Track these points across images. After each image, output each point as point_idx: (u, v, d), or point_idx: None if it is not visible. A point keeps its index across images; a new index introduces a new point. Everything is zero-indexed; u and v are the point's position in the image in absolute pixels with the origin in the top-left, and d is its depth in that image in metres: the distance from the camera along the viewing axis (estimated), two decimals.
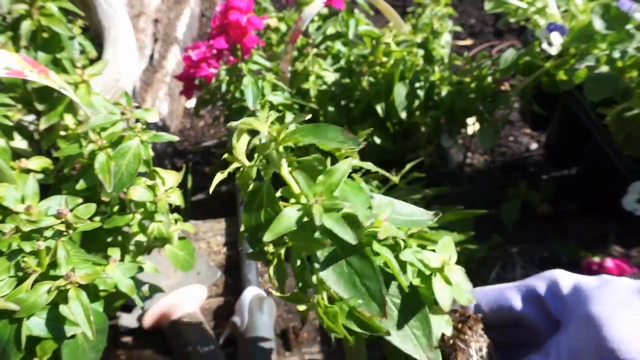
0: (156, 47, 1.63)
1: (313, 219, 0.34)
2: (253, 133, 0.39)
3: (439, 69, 1.11)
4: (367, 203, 0.36)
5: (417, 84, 1.05)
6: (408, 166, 0.89)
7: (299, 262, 0.40)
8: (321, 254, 0.36)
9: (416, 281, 0.41)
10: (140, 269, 0.74)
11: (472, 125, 1.15)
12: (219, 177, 0.40)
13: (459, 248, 0.87)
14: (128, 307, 0.94)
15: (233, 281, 1.02)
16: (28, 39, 0.77)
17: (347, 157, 0.40)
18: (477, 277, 0.94)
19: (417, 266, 0.41)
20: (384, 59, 1.04)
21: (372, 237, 0.39)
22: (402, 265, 0.40)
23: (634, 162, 0.96)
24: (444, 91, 1.09)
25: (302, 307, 0.39)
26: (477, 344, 0.41)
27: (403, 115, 1.04)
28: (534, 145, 1.48)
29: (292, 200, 0.38)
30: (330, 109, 1.07)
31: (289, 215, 0.35)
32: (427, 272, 0.40)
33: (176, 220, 0.74)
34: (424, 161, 1.10)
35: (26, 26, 0.75)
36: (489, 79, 1.06)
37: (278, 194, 0.38)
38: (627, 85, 0.94)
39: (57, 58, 0.80)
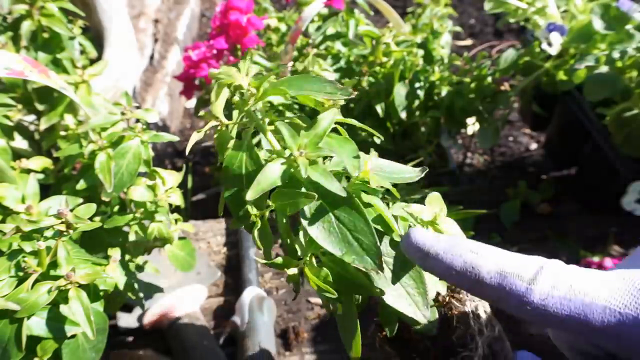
0: (156, 47, 1.63)
1: (297, 173, 0.32)
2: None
3: (439, 69, 1.11)
4: (354, 152, 0.35)
5: (417, 84, 1.05)
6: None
7: (284, 223, 0.37)
8: (309, 211, 0.34)
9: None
10: (140, 269, 0.74)
11: (472, 125, 1.15)
12: (195, 137, 0.37)
13: None
14: (128, 307, 0.94)
15: (233, 281, 1.02)
16: (28, 39, 0.77)
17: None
18: None
19: (409, 221, 0.39)
20: (384, 59, 1.04)
21: (360, 190, 0.37)
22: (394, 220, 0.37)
23: (633, 162, 0.96)
24: (444, 91, 1.09)
25: (291, 272, 0.36)
26: (473, 302, 0.39)
27: (403, 115, 1.04)
28: (533, 145, 1.49)
29: (274, 157, 0.35)
30: None
31: (273, 170, 0.33)
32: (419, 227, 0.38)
33: (176, 220, 0.74)
34: (423, 161, 1.10)
35: (27, 26, 0.75)
36: (489, 79, 1.06)
37: (261, 154, 0.36)
38: (626, 85, 0.94)
39: (57, 58, 0.80)
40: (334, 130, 0.38)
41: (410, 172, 0.39)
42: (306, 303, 0.98)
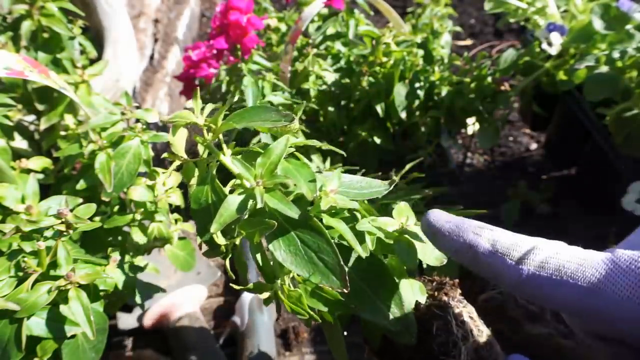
0: (156, 47, 1.63)
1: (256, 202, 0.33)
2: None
3: (439, 69, 1.11)
4: (310, 176, 0.36)
5: (417, 84, 1.05)
6: (408, 166, 0.89)
7: (256, 249, 0.38)
8: (274, 236, 0.35)
9: (378, 251, 0.40)
10: (141, 269, 0.74)
11: (472, 125, 1.15)
12: (173, 179, 0.40)
13: None
14: (128, 307, 0.94)
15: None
16: (28, 39, 0.77)
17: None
18: (477, 277, 0.94)
19: (377, 235, 0.39)
20: (384, 59, 1.04)
21: (323, 211, 0.38)
22: (361, 236, 0.39)
23: (634, 162, 0.96)
24: (444, 91, 1.09)
25: (264, 295, 0.37)
26: (457, 309, 0.39)
27: (403, 115, 1.04)
28: (533, 145, 1.48)
29: (237, 187, 0.36)
30: (330, 109, 1.07)
31: (232, 202, 0.34)
32: (388, 240, 0.39)
33: (176, 220, 0.74)
34: (423, 161, 1.10)
35: (27, 26, 0.75)
36: (489, 79, 1.06)
37: (228, 187, 0.38)
38: (626, 85, 0.94)
39: (57, 58, 0.80)
40: (293, 155, 0.39)
41: (379, 186, 0.40)
42: None
